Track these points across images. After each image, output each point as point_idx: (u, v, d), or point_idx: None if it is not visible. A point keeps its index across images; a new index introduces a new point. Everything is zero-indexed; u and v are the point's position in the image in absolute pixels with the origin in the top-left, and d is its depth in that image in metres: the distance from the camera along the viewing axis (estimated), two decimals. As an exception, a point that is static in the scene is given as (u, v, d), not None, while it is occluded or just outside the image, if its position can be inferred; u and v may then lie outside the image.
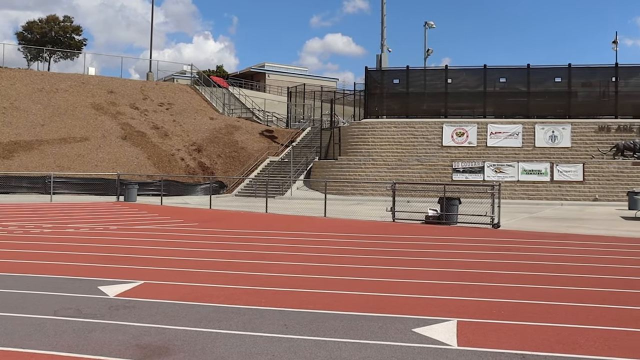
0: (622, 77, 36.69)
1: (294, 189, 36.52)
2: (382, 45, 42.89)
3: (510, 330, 6.59)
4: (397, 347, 5.92)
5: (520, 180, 33.61)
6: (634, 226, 19.50)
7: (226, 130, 46.05)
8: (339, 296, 8.26)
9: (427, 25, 54.66)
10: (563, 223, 20.52)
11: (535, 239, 15.59)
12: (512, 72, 38.12)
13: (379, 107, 39.63)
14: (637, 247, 14.08)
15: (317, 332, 6.42)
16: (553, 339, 6.23)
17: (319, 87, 57.23)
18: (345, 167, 36.28)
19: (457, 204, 19.60)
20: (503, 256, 12.55)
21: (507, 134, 35.57)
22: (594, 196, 32.61)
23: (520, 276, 10.01)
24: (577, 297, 8.33)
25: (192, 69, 61.46)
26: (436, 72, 40.68)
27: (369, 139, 37.39)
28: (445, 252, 13.06)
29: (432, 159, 35.45)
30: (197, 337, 6.20)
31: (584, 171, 33.15)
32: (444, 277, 9.85)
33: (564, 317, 7.21)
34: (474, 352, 5.80)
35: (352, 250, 13.27)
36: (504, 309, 7.64)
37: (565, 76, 36.87)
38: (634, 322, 6.99)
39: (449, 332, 6.44)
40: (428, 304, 7.83)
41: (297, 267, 10.75)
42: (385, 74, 40.41)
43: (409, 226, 19.00)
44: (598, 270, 10.68)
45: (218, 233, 16.60)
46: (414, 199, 24.08)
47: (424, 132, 36.66)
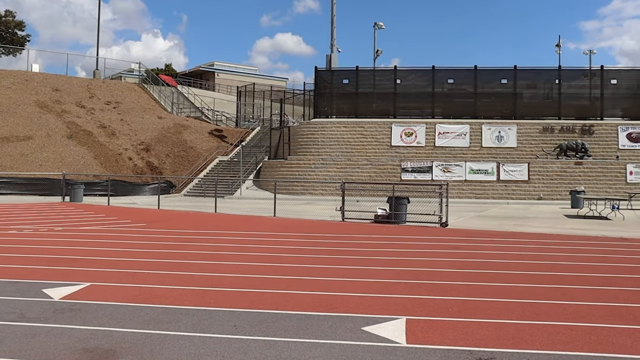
0: (565, 79, 37.68)
1: (243, 189, 36.34)
2: (331, 45, 43.01)
3: (459, 327, 6.68)
4: (346, 346, 5.94)
5: (467, 180, 34.15)
6: (576, 224, 19.99)
7: (175, 130, 45.54)
8: (288, 296, 8.25)
9: (376, 25, 55.01)
10: (509, 221, 20.92)
11: (483, 237, 15.85)
12: (460, 74, 38.70)
13: (328, 107, 39.75)
14: (579, 245, 14.43)
15: (267, 332, 6.40)
16: (500, 335, 6.35)
17: (268, 86, 57.15)
18: (295, 167, 36.27)
19: (406, 203, 19.78)
20: (451, 254, 12.71)
21: (454, 134, 36.09)
22: (539, 195, 33.36)
23: (468, 274, 10.16)
24: (524, 294, 8.50)
25: (140, 67, 60.52)
26: (385, 72, 40.99)
27: (319, 138, 37.46)
28: (394, 251, 13.16)
29: (381, 158, 35.72)
30: (145, 339, 6.11)
31: (529, 171, 33.89)
32: (393, 275, 9.92)
33: (510, 313, 7.35)
34: (423, 350, 5.86)
35: (301, 249, 13.26)
36: (452, 306, 7.74)
37: (511, 78, 37.63)
38: (577, 317, 7.17)
39: (398, 330, 6.50)
40: (377, 303, 7.88)
41: (246, 267, 10.70)
42: (335, 74, 40.53)
43: (359, 225, 19.09)
44: (543, 267, 10.91)
45: (166, 233, 16.39)
46: (364, 198, 24.24)
47: (373, 132, 36.91)
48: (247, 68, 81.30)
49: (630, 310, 7.61)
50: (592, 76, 38.08)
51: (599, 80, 37.33)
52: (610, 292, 8.73)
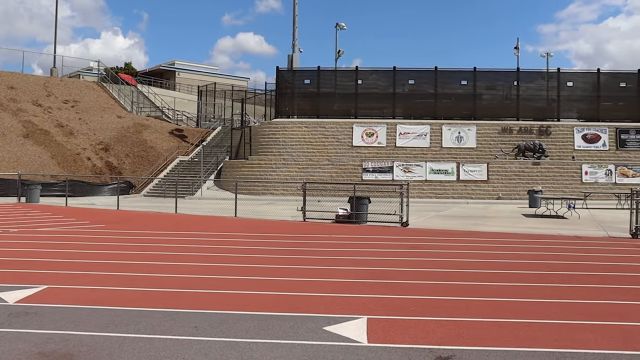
0: (523, 81, 38.32)
1: (204, 189, 36.08)
2: (293, 45, 42.98)
3: (419, 326, 6.73)
4: (308, 346, 5.94)
5: (428, 180, 34.45)
6: (534, 223, 20.32)
7: (135, 129, 45.01)
8: (250, 296, 8.22)
9: (338, 26, 55.14)
10: (469, 221, 21.17)
11: (443, 237, 16.00)
12: (421, 75, 39.03)
13: (290, 107, 39.72)
14: (537, 243, 14.67)
15: (228, 333, 6.37)
16: (460, 333, 6.41)
17: (230, 86, 56.91)
18: (256, 167, 36.17)
19: (367, 203, 19.87)
20: (412, 254, 12.81)
21: (415, 135, 36.38)
22: (498, 195, 33.83)
23: (429, 273, 10.25)
24: (483, 292, 8.61)
25: (99, 65, 59.62)
26: (347, 73, 41.15)
27: (280, 138, 37.42)
28: (356, 251, 13.21)
29: (342, 158, 35.83)
30: (104, 342, 6.02)
31: (488, 171, 34.34)
32: (354, 275, 9.96)
33: (470, 311, 7.43)
34: (384, 349, 5.89)
35: (263, 250, 13.23)
36: (413, 305, 7.80)
37: (471, 79, 38.11)
38: (535, 314, 7.28)
39: (359, 330, 6.52)
40: (339, 303, 7.89)
41: (207, 267, 10.63)
42: (297, 74, 40.53)
43: (320, 225, 19.12)
44: (501, 266, 11.07)
45: (126, 234, 16.20)
46: (325, 198, 24.29)
47: (334, 132, 37.01)
48: (208, 67, 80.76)
49: (586, 307, 7.77)
50: (549, 78, 38.82)
51: (556, 82, 38.07)
52: (565, 289, 8.90)
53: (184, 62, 76.58)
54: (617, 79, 38.86)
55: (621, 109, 38.37)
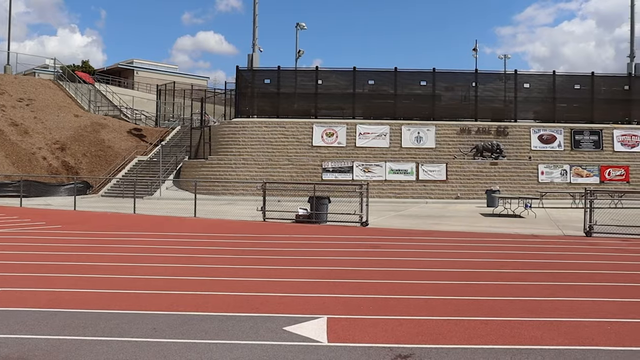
0: (481, 82, 38.88)
1: (163, 189, 35.74)
2: (253, 44, 42.80)
3: (379, 324, 6.77)
4: (268, 346, 5.93)
5: (387, 180, 34.68)
6: (491, 222, 20.61)
7: (92, 128, 44.32)
8: (209, 297, 8.17)
9: (298, 26, 55.12)
10: (428, 220, 21.36)
11: (402, 236, 16.13)
12: (381, 75, 39.27)
13: (250, 107, 39.59)
14: (494, 242, 14.89)
15: (187, 335, 6.32)
16: (420, 332, 6.47)
17: (189, 85, 56.46)
18: (216, 167, 35.95)
19: (327, 203, 19.91)
20: (371, 253, 12.88)
21: (375, 135, 36.58)
22: (456, 194, 34.22)
23: (388, 272, 10.32)
24: (442, 291, 8.70)
25: (55, 63, 58.52)
26: (307, 73, 41.16)
27: (240, 138, 37.26)
28: (316, 251, 13.24)
29: (302, 158, 35.84)
30: (60, 345, 5.92)
31: (446, 171, 34.72)
32: (314, 275, 9.97)
33: (429, 310, 7.51)
34: (344, 348, 5.91)
35: (222, 250, 13.16)
36: (373, 304, 7.84)
37: (430, 80, 38.48)
38: (491, 312, 7.39)
39: (319, 329, 6.53)
40: (299, 302, 7.90)
41: (166, 268, 10.53)
42: (257, 74, 40.39)
43: (280, 225, 19.09)
44: (460, 265, 11.19)
45: (83, 235, 15.95)
46: (285, 198, 24.28)
47: (294, 132, 37.00)
48: (167, 66, 79.99)
49: (540, 304, 7.91)
50: (506, 80, 39.44)
51: (513, 84, 38.70)
52: (521, 287, 9.05)
53: (142, 61, 75.72)
54: (572, 81, 39.68)
55: (576, 111, 39.19)
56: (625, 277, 10.10)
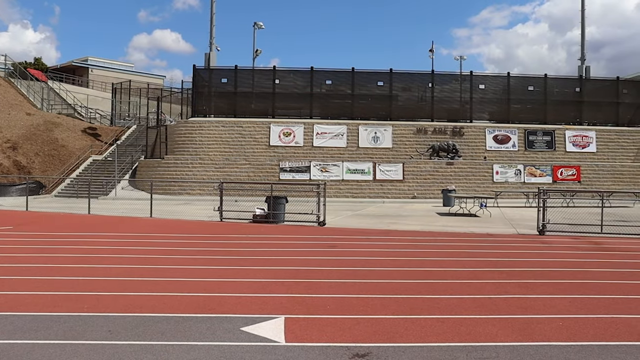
0: (437, 83, 39.31)
1: (118, 189, 35.24)
2: (211, 43, 42.50)
3: (337, 324, 6.79)
4: (225, 347, 5.90)
5: (345, 180, 34.81)
6: (447, 221, 20.84)
7: (45, 127, 43.44)
8: (165, 298, 8.08)
9: (256, 25, 54.92)
10: (385, 220, 21.50)
11: (359, 236, 16.19)
12: (338, 75, 39.38)
13: (207, 106, 39.33)
14: (450, 241, 15.06)
15: (143, 337, 6.24)
16: (377, 331, 6.51)
17: (145, 84, 55.73)
18: (172, 167, 35.61)
19: (284, 202, 19.89)
20: (328, 253, 12.91)
21: (332, 135, 36.68)
22: (413, 194, 34.52)
23: (345, 272, 10.35)
24: (398, 290, 8.77)
25: (6, 59, 57.15)
26: (264, 72, 41.03)
27: (197, 138, 36.97)
28: (272, 251, 13.21)
29: (259, 158, 35.74)
30: (11, 349, 5.78)
31: (403, 170, 34.99)
32: (271, 275, 9.95)
33: (386, 309, 7.56)
34: (302, 348, 5.91)
35: (179, 251, 13.04)
36: (330, 304, 7.86)
37: (387, 81, 38.74)
38: (447, 310, 7.48)
39: (277, 329, 6.52)
40: (256, 303, 7.87)
41: (121, 269, 10.38)
42: (214, 73, 40.12)
43: (237, 225, 19.00)
44: (416, 264, 11.29)
45: (35, 236, 15.62)
46: (242, 198, 24.18)
47: (251, 132, 36.87)
48: (123, 64, 78.88)
49: (494, 302, 8.04)
50: (462, 81, 39.94)
51: (469, 85, 39.24)
52: (476, 285, 9.18)
53: (97, 59, 74.48)
54: (526, 83, 40.41)
55: (529, 112, 39.93)
56: (576, 275, 10.32)
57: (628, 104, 40.60)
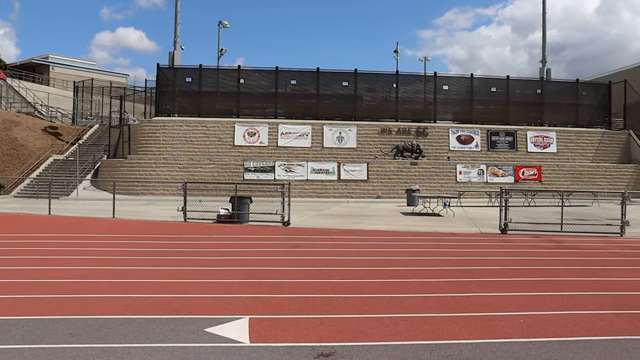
0: (402, 84, 39.59)
1: (80, 190, 34.74)
2: (175, 42, 42.18)
3: (301, 324, 6.79)
4: (189, 349, 5.86)
5: (309, 179, 34.82)
6: (411, 221, 20.98)
7: (3, 126, 42.60)
8: (128, 300, 7.99)
9: (221, 24, 54.66)
10: (349, 219, 21.56)
11: (323, 235, 16.21)
12: (303, 75, 39.39)
13: (170, 105, 39.01)
14: (413, 240, 15.17)
15: (105, 339, 6.15)
16: (341, 330, 6.53)
17: (108, 82, 55.06)
18: (136, 166, 35.23)
19: (249, 202, 19.83)
20: (293, 253, 12.91)
21: (297, 135, 36.67)
22: (377, 194, 34.69)
23: (309, 271, 10.36)
24: (362, 289, 8.81)
25: (-38, 56, 56.00)
26: (229, 71, 40.82)
27: (160, 137, 36.64)
28: (237, 251, 13.16)
29: (224, 158, 35.56)
30: (-32, 352, 5.68)
31: (368, 170, 35.14)
32: (235, 275, 9.91)
33: (350, 308, 7.58)
34: (266, 348, 5.90)
35: (142, 251, 12.90)
36: (295, 303, 7.86)
37: (352, 81, 38.88)
38: (411, 308, 7.55)
39: (241, 330, 6.50)
40: (220, 303, 7.83)
41: (84, 271, 10.23)
42: (178, 72, 39.81)
43: (201, 226, 18.88)
44: (380, 263, 11.34)
45: (-6, 237, 15.33)
46: (206, 198, 24.06)
47: (216, 132, 36.67)
48: (85, 62, 77.73)
49: (456, 300, 8.14)
50: (426, 82, 40.31)
51: (433, 85, 39.59)
52: (439, 284, 9.27)
53: (59, 56, 73.27)
54: (489, 84, 40.96)
55: (492, 112, 40.43)
56: (536, 272, 10.49)
57: (587, 105, 41.45)
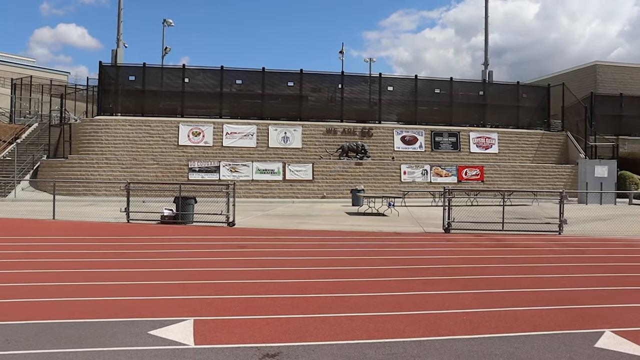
0: (347, 84, 39.79)
1: (18, 190, 33.81)
2: (118, 39, 41.49)
3: (246, 325, 6.77)
4: (132, 352, 5.77)
5: (254, 180, 34.70)
6: (356, 220, 21.11)
7: (-64, 125, 41.22)
8: (69, 304, 7.81)
9: (165, 22, 53.98)
10: (294, 219, 21.57)
11: (268, 236, 16.18)
12: (249, 75, 39.22)
13: (113, 104, 38.33)
14: (358, 240, 15.27)
15: (45, 345, 5.99)
16: (286, 330, 6.53)
17: (48, 80, 53.78)
18: (77, 167, 34.49)
19: (193, 203, 19.65)
20: (237, 253, 12.84)
21: (242, 135, 36.50)
22: (323, 194, 34.80)
23: (255, 272, 10.32)
24: (307, 289, 8.82)
25: None
26: (174, 70, 40.33)
27: (103, 137, 35.97)
28: (181, 252, 13.02)
29: (168, 158, 35.15)
30: None
31: (313, 170, 35.22)
32: (179, 277, 9.81)
33: (295, 308, 7.59)
34: (211, 350, 5.86)
35: (84, 253, 12.64)
36: (240, 305, 7.82)
37: (297, 81, 38.90)
38: (356, 308, 7.60)
39: (185, 332, 6.43)
40: (164, 305, 7.73)
41: (21, 275, 9.96)
42: (121, 70, 39.15)
43: (144, 226, 18.62)
44: (325, 263, 11.39)
45: None
46: (150, 198, 23.74)
47: (160, 131, 36.20)
48: (23, 59, 75.64)
49: (401, 298, 8.23)
50: (371, 83, 40.61)
51: (378, 86, 39.93)
52: (384, 283, 9.36)
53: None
54: (433, 86, 41.57)
55: (436, 113, 41.03)
56: (478, 270, 10.69)
57: (527, 107, 42.47)
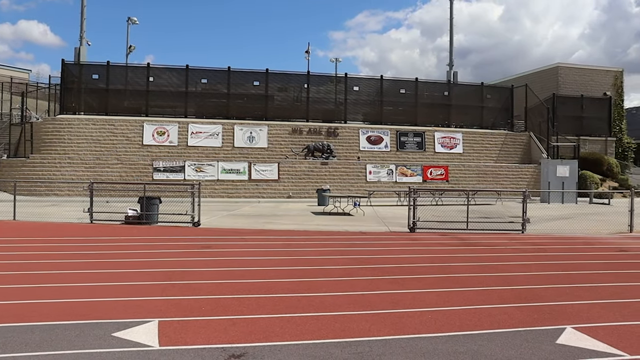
0: (313, 84, 39.82)
1: (-22, 190, 33.19)
2: (81, 37, 40.94)
3: (212, 325, 6.75)
4: (95, 355, 5.71)
5: (220, 179, 34.52)
6: (322, 220, 21.16)
7: None
8: (31, 306, 7.69)
9: (130, 20, 53.47)
10: (260, 219, 21.53)
11: (234, 236, 16.14)
12: (214, 74, 39.01)
13: (76, 103, 37.79)
14: (324, 239, 15.31)
15: (4, 349, 5.89)
16: (252, 330, 6.53)
17: (8, 77, 52.80)
18: (39, 166, 33.93)
19: (158, 203, 19.50)
20: (203, 254, 12.78)
21: (207, 134, 36.30)
22: (288, 194, 34.77)
23: (220, 272, 10.29)
24: (273, 289, 8.82)
25: None
26: (138, 69, 39.88)
27: (65, 136, 35.45)
28: (145, 252, 12.92)
29: (132, 157, 34.79)
30: None
31: (279, 170, 35.16)
32: (143, 277, 9.73)
33: (261, 308, 7.59)
34: (176, 351, 5.83)
35: (46, 255, 12.46)
36: (205, 305, 7.79)
37: (263, 80, 38.81)
38: (322, 307, 7.63)
39: (150, 333, 6.39)
40: (128, 307, 7.66)
41: (-19, 275, 9.80)
42: (84, 68, 38.62)
43: (108, 227, 18.41)
44: (291, 263, 11.40)
45: None
46: (114, 199, 23.50)
47: (124, 131, 35.81)
48: (-18, 57, 74.36)
49: (366, 298, 8.28)
50: (337, 82, 40.72)
51: (344, 86, 40.04)
52: (350, 282, 9.40)
53: (-47, 50, 69.78)
54: (398, 86, 41.82)
55: (401, 114, 41.27)
56: (443, 269, 10.81)
57: (491, 108, 43.00)
